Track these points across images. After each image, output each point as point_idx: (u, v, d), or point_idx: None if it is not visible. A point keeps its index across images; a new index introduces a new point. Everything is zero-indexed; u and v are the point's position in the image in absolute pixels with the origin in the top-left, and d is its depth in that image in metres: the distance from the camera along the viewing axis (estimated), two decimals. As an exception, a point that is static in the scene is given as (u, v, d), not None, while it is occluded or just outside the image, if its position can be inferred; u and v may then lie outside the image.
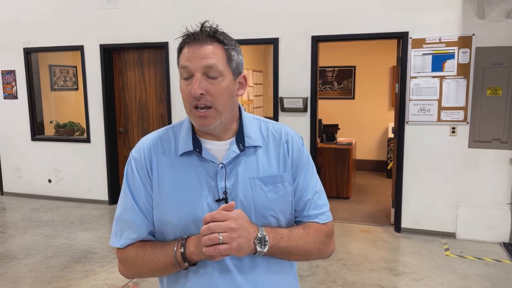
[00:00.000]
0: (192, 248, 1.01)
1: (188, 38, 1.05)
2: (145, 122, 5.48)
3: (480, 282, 3.35)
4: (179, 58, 1.07)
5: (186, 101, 1.06)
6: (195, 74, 1.03)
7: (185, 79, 1.05)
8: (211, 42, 1.04)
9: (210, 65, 1.02)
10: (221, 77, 1.04)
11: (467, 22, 4.05)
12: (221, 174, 1.08)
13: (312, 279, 3.41)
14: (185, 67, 1.04)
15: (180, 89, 1.08)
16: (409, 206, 4.43)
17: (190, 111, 1.06)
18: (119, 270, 1.16)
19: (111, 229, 1.16)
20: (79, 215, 5.15)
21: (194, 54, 1.03)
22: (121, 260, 1.13)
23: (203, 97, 1.02)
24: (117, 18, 5.23)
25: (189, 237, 1.05)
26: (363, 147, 7.40)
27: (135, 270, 1.12)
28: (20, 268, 3.65)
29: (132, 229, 1.10)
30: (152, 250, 1.08)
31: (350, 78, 7.62)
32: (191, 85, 1.03)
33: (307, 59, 4.59)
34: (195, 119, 1.06)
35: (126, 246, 1.11)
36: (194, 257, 1.02)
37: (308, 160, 1.19)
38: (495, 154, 4.11)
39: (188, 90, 1.03)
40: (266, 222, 1.09)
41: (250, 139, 1.12)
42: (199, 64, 1.02)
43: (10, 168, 6.05)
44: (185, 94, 1.05)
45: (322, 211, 1.17)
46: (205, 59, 1.02)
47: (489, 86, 4.05)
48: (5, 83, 5.85)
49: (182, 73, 1.05)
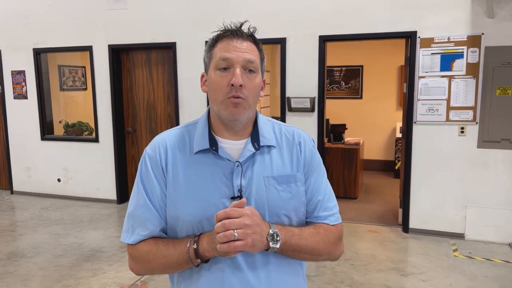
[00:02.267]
0: (205, 245, 1.02)
1: (227, 32, 1.09)
2: (153, 122, 5.51)
3: (489, 283, 3.33)
4: (213, 49, 1.09)
5: (220, 91, 1.07)
6: (236, 66, 1.05)
7: (222, 70, 1.06)
8: (250, 40, 1.10)
9: (251, 60, 1.07)
10: (256, 74, 1.09)
11: (476, 21, 4.02)
12: (237, 172, 1.09)
13: (319, 279, 3.40)
14: (225, 59, 1.05)
15: (210, 79, 1.10)
16: (417, 207, 4.41)
17: (223, 100, 1.07)
18: (130, 267, 1.17)
19: (120, 228, 1.18)
20: (88, 214, 5.20)
21: (236, 47, 1.06)
22: (132, 257, 1.14)
23: (240, 89, 1.05)
24: (125, 19, 5.27)
25: (202, 234, 1.06)
26: (370, 147, 7.37)
27: (147, 266, 1.13)
28: (30, 267, 3.70)
29: (145, 226, 1.11)
30: (164, 246, 1.09)
31: (357, 78, 7.59)
32: (228, 76, 1.05)
33: (315, 59, 4.58)
34: (228, 107, 1.06)
35: (138, 243, 1.12)
36: (207, 254, 1.03)
37: (320, 163, 1.21)
38: (504, 154, 4.07)
39: (225, 81, 1.05)
40: (279, 220, 1.10)
41: (265, 139, 1.14)
42: (241, 57, 1.06)
43: (20, 168, 6.12)
44: (219, 84, 1.07)
45: (332, 212, 1.19)
46: (247, 53, 1.06)
47: (499, 85, 4.02)
48: (15, 83, 5.92)
49: (220, 64, 1.06)
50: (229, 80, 1.05)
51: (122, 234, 1.15)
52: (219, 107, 1.09)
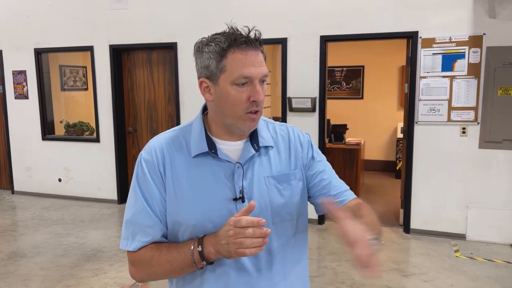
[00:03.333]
0: (209, 247, 1.01)
1: (241, 41, 1.02)
2: (154, 122, 5.51)
3: (490, 284, 3.32)
4: (225, 60, 1.02)
5: (238, 106, 1.04)
6: (255, 82, 1.03)
7: (241, 85, 1.03)
8: (260, 49, 1.06)
9: (267, 74, 1.06)
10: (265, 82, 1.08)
11: (478, 21, 4.01)
12: (238, 174, 1.08)
13: (320, 280, 3.40)
14: (247, 77, 1.02)
15: (226, 93, 1.03)
16: (418, 207, 4.40)
17: (241, 115, 1.05)
18: (131, 274, 1.13)
19: (121, 228, 1.16)
20: (89, 214, 5.19)
21: (254, 62, 1.02)
22: (133, 263, 1.11)
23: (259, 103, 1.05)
24: (126, 19, 5.26)
25: (205, 236, 1.04)
26: (372, 147, 7.36)
27: (150, 271, 1.09)
28: (31, 266, 3.69)
29: (145, 232, 1.08)
30: (167, 251, 1.06)
31: (358, 78, 7.58)
32: (247, 91, 1.03)
33: (316, 59, 4.57)
34: (246, 122, 1.06)
35: (139, 249, 1.09)
36: (212, 256, 1.01)
37: (318, 151, 1.23)
38: (506, 154, 4.06)
39: (245, 96, 1.03)
40: (282, 219, 1.11)
41: (263, 139, 1.14)
42: (260, 73, 1.03)
43: (21, 167, 6.12)
44: (238, 99, 1.03)
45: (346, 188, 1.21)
46: (263, 67, 1.05)
47: (500, 86, 4.01)
48: (16, 83, 5.92)
49: (239, 80, 1.02)
50: (248, 95, 1.03)
51: (121, 241, 1.12)
52: (235, 121, 1.06)
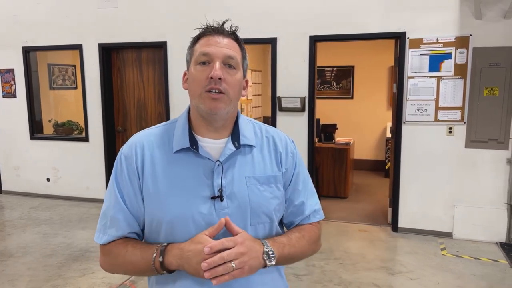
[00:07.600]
0: (170, 259, 1.02)
1: (209, 29, 1.09)
2: (144, 121, 5.49)
3: (476, 281, 3.37)
4: (195, 46, 1.09)
5: (198, 85, 1.06)
6: (216, 60, 1.05)
7: (201, 64, 1.06)
8: (232, 38, 1.10)
9: (231, 56, 1.07)
10: (236, 70, 1.09)
11: (465, 22, 4.06)
12: (217, 172, 1.08)
13: (308, 278, 3.42)
14: (206, 53, 1.06)
15: (190, 74, 1.10)
16: (406, 206, 4.44)
17: (201, 94, 1.06)
18: (100, 263, 1.17)
19: None
20: (77, 213, 5.16)
21: (217, 42, 1.07)
22: (103, 254, 1.15)
23: (220, 82, 1.05)
24: (115, 17, 5.24)
25: (169, 245, 1.04)
26: (361, 146, 7.41)
27: (116, 267, 1.13)
28: (18, 266, 3.66)
29: (116, 227, 1.10)
30: (132, 252, 1.07)
31: (348, 78, 7.63)
32: (208, 70, 1.05)
33: (305, 59, 4.60)
34: (206, 101, 1.05)
35: (109, 243, 1.12)
36: (172, 267, 1.03)
37: (301, 162, 1.23)
38: (492, 154, 4.12)
39: (204, 74, 1.05)
40: (260, 221, 1.10)
41: (245, 138, 1.13)
42: (221, 52, 1.06)
43: (9, 167, 6.06)
44: (198, 78, 1.06)
45: (316, 209, 1.22)
46: (227, 49, 1.07)
47: (486, 86, 4.06)
48: (4, 82, 5.86)
49: (200, 58, 1.06)
50: (208, 74, 1.05)
51: (95, 233, 1.15)
52: (197, 101, 1.08)
